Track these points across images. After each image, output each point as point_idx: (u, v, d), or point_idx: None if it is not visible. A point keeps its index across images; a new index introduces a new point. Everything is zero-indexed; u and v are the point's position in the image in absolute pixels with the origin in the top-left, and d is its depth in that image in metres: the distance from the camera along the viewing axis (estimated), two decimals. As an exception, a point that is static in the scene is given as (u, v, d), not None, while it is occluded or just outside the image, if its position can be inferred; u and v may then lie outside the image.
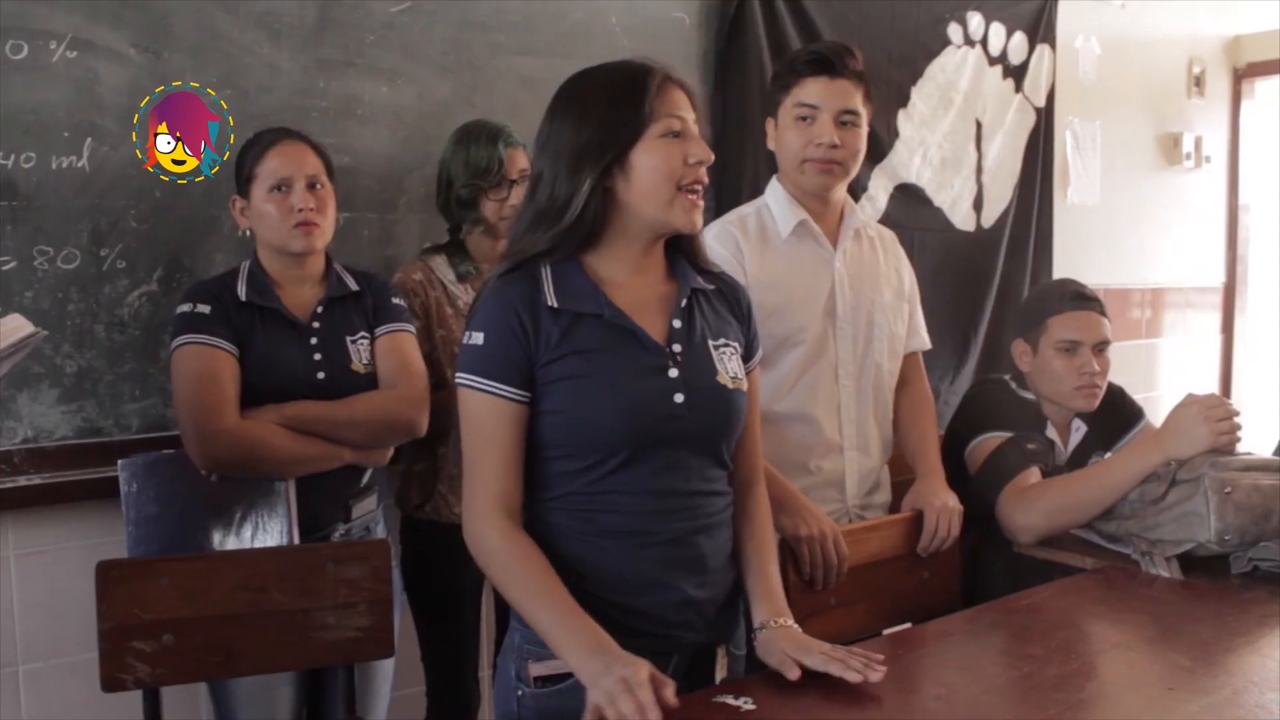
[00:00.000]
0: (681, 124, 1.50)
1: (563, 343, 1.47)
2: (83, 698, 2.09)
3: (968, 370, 3.60)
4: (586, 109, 1.49)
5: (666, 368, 1.50)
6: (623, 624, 1.47)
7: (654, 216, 1.50)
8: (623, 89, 1.49)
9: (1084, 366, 2.41)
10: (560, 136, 1.49)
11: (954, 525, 2.14)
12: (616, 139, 1.47)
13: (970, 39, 3.57)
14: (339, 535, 2.09)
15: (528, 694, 1.50)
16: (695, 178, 1.50)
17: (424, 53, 2.51)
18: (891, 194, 3.42)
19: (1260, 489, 2.03)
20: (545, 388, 1.48)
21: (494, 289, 1.51)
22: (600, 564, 1.49)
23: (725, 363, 1.56)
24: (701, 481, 1.54)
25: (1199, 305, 4.70)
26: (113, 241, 2.17)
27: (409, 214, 2.50)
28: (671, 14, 2.91)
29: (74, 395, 2.16)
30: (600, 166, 1.46)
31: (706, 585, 1.54)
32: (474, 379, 1.48)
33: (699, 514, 1.54)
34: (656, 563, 1.50)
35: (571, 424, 1.47)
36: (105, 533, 2.15)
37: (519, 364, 1.47)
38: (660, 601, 1.50)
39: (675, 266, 1.59)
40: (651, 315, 1.53)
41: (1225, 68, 4.66)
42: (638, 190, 1.48)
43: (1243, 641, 1.68)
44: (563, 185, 1.48)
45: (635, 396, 1.48)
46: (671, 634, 1.52)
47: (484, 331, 1.48)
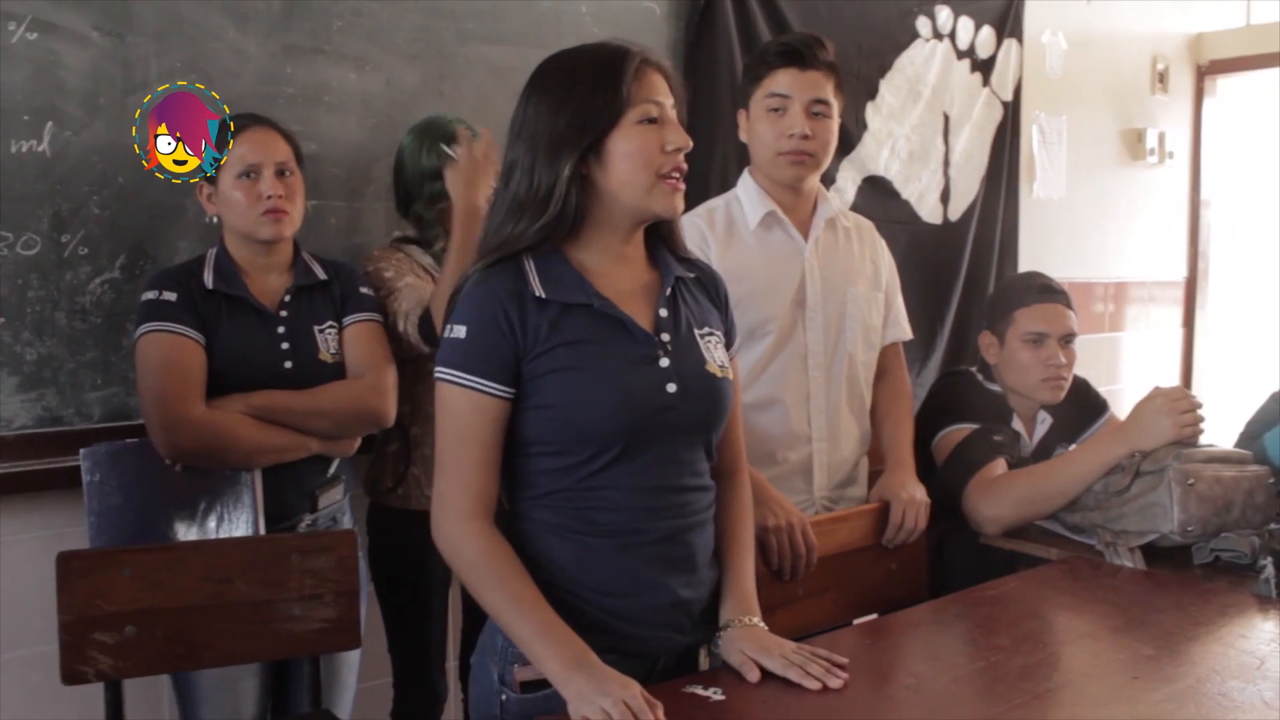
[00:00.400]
0: (659, 109, 1.46)
1: (552, 334, 1.43)
2: (43, 690, 2.06)
3: (934, 362, 3.63)
4: (562, 94, 1.45)
5: (658, 357, 1.48)
6: (612, 627, 1.45)
7: (633, 204, 1.46)
8: (598, 73, 1.44)
9: (1050, 358, 2.43)
10: (536, 123, 1.45)
11: (920, 518, 2.15)
12: (592, 125, 1.43)
13: (939, 32, 3.59)
14: (305, 525, 2.08)
15: (513, 699, 1.46)
16: (674, 165, 1.46)
17: (392, 40, 2.48)
18: (859, 186, 3.43)
19: (1222, 481, 2.07)
20: (534, 382, 1.44)
21: (477, 281, 1.46)
22: (590, 564, 1.46)
23: (712, 351, 1.54)
24: (691, 476, 1.52)
25: (1161, 299, 4.75)
26: (74, 228, 2.14)
27: (376, 202, 2.47)
28: (641, 4, 2.90)
29: (34, 384, 2.13)
30: (577, 153, 1.43)
31: (694, 585, 1.52)
32: (456, 374, 1.44)
33: (689, 510, 1.52)
34: (648, 562, 1.47)
35: (563, 418, 1.44)
36: (66, 523, 2.12)
37: (504, 360, 1.43)
38: (651, 604, 1.48)
39: (656, 255, 1.56)
40: (638, 305, 1.50)
41: (1188, 65, 4.71)
42: (615, 178, 1.45)
43: (1205, 631, 1.70)
44: (542, 173, 1.43)
45: (629, 387, 1.45)
46: (660, 636, 1.50)
47: (467, 325, 1.44)
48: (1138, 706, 1.42)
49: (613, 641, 1.45)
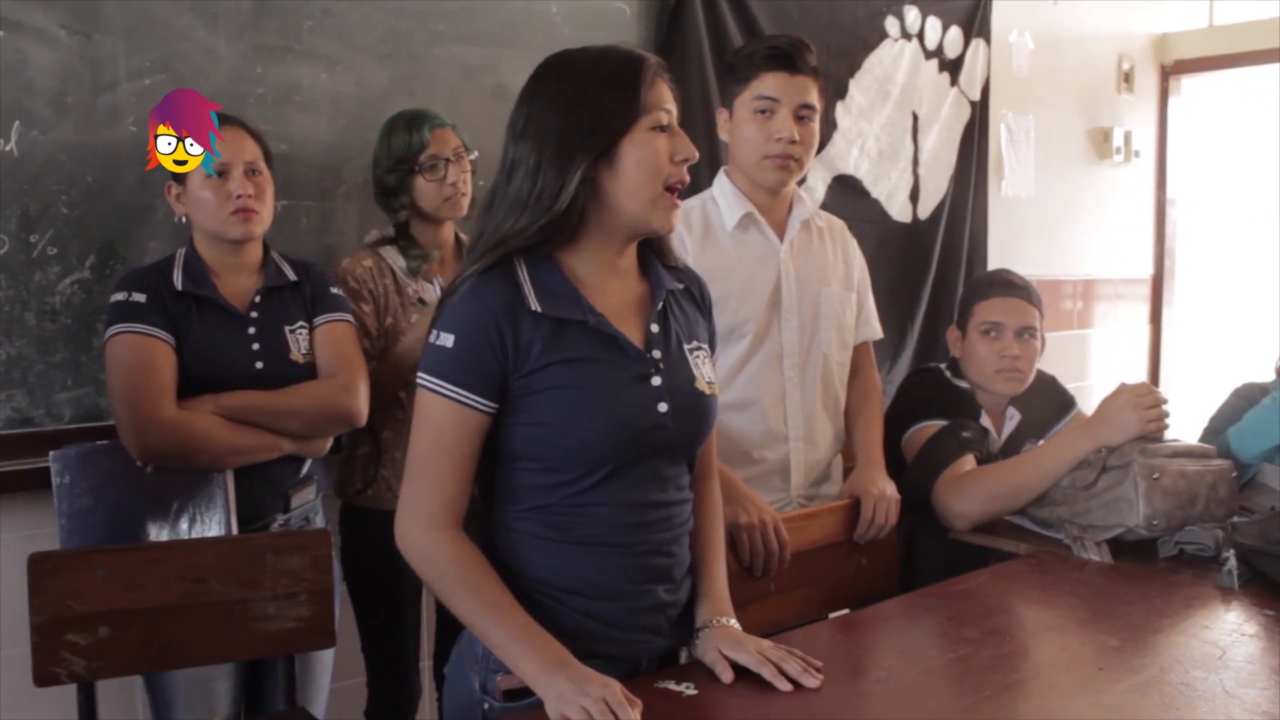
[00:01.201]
0: (669, 118, 1.44)
1: (547, 351, 1.41)
2: (17, 693, 2.05)
3: (904, 360, 3.66)
4: (578, 93, 1.41)
5: (650, 375, 1.46)
6: (593, 632, 1.45)
7: (635, 214, 1.44)
8: (617, 76, 1.41)
9: (1005, 349, 2.46)
10: (545, 120, 1.41)
11: (891, 513, 2.17)
12: (610, 127, 1.40)
13: (907, 32, 3.62)
14: (278, 525, 2.07)
15: (495, 708, 1.44)
16: (680, 176, 1.44)
17: (363, 40, 2.48)
18: (829, 185, 3.45)
19: (1186, 475, 2.10)
20: (527, 398, 1.41)
21: (471, 289, 1.43)
22: (573, 572, 1.45)
23: (700, 367, 1.53)
24: (675, 490, 1.52)
25: (1128, 296, 4.81)
26: (43, 228, 2.13)
27: (347, 202, 2.47)
28: (612, 4, 2.91)
29: (3, 384, 2.11)
30: (591, 156, 1.39)
31: (675, 590, 1.53)
32: (439, 383, 1.41)
33: (673, 524, 1.52)
34: (632, 572, 1.47)
35: (554, 437, 1.42)
36: (38, 524, 2.11)
37: (491, 375, 1.40)
38: (633, 608, 1.48)
39: (647, 266, 1.54)
40: (630, 320, 1.49)
41: (1154, 65, 4.77)
42: (623, 184, 1.42)
43: (1169, 622, 1.73)
44: (550, 173, 1.39)
45: (623, 409, 1.43)
46: (642, 640, 1.50)
47: (455, 334, 1.40)
48: (1103, 697, 1.45)
49: (594, 646, 1.44)
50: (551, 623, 1.43)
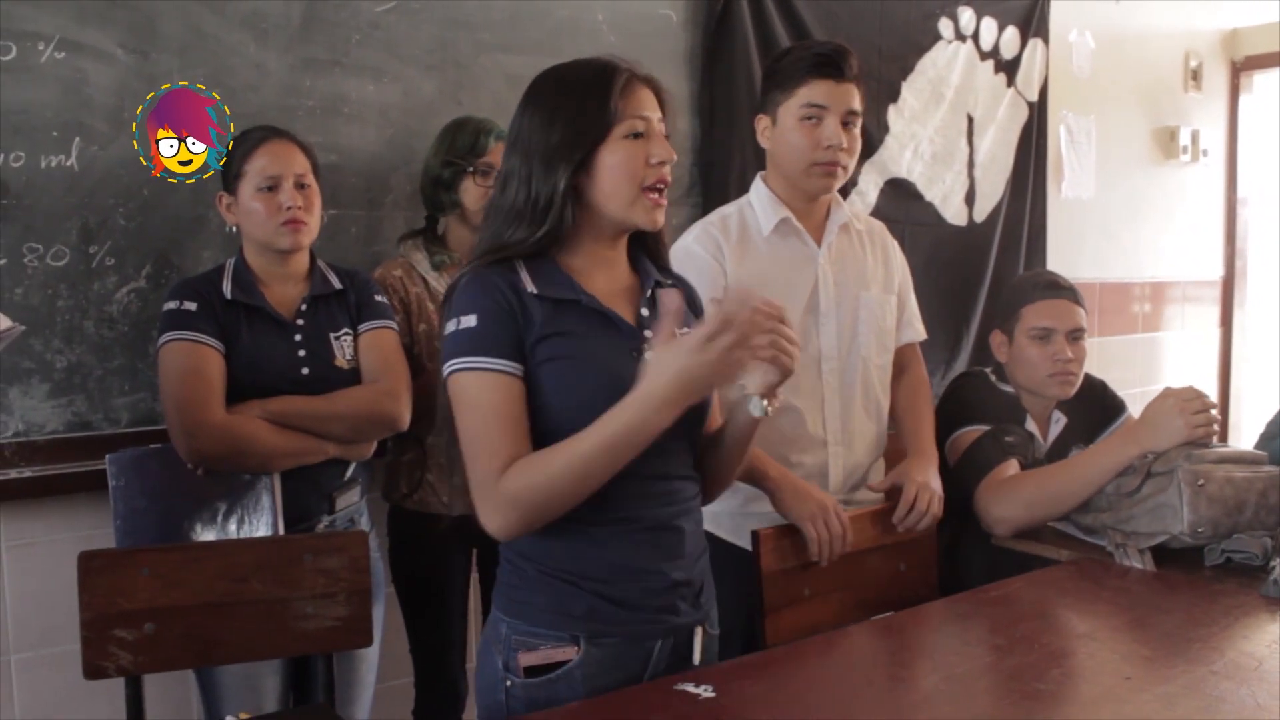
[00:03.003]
0: (646, 124, 1.51)
1: (547, 323, 1.48)
2: (72, 686, 2.12)
3: (959, 365, 3.61)
4: (554, 108, 1.51)
5: (644, 350, 1.52)
6: (607, 614, 1.50)
7: (617, 215, 1.53)
8: (587, 88, 1.50)
9: (1057, 354, 2.43)
10: (531, 135, 1.51)
11: (933, 504, 2.13)
12: (583, 139, 1.49)
13: (961, 34, 3.58)
14: (323, 527, 2.12)
15: (517, 684, 1.50)
16: (658, 177, 1.52)
17: (409, 51, 2.54)
18: (881, 189, 3.43)
19: (1233, 481, 2.05)
20: (533, 369, 1.48)
21: (474, 275, 1.51)
22: (583, 552, 1.50)
23: None
24: (678, 466, 1.57)
25: (1197, 299, 4.70)
26: (101, 239, 2.21)
27: (395, 211, 2.52)
28: (659, 11, 2.93)
29: (64, 390, 2.20)
30: (571, 166, 1.48)
31: (686, 568, 1.56)
32: (474, 361, 1.46)
33: (678, 498, 1.57)
34: (640, 548, 1.52)
35: (555, 407, 1.47)
36: (95, 525, 2.19)
37: (516, 341, 1.47)
38: (646, 588, 1.52)
39: (636, 261, 1.63)
40: (621, 304, 1.56)
41: (1223, 61, 4.65)
42: (602, 189, 1.51)
43: (1207, 632, 1.69)
44: (540, 184, 1.49)
45: (617, 376, 1.47)
46: (659, 619, 1.54)
47: (477, 312, 1.47)
48: (1125, 706, 1.43)
49: (609, 627, 1.50)
50: (563, 604, 1.49)
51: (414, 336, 2.31)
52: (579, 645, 1.50)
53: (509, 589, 1.55)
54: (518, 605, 1.53)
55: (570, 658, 1.50)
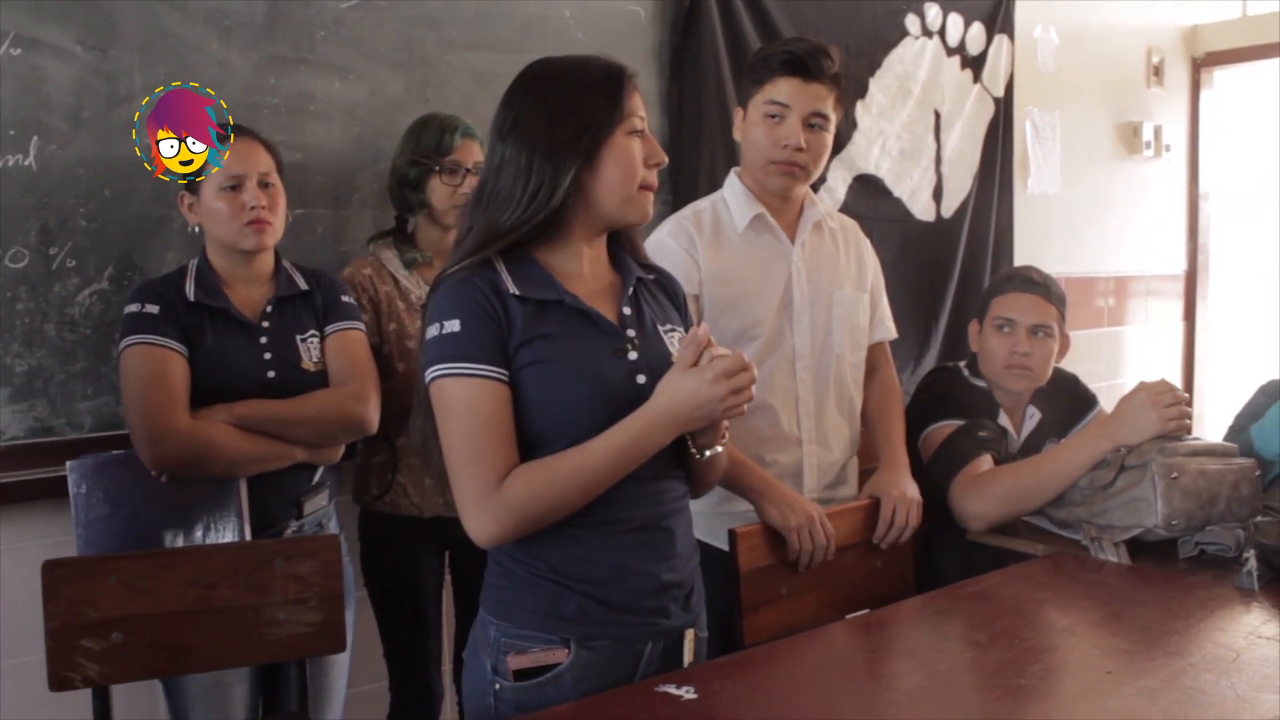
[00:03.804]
0: (643, 123, 1.54)
1: (528, 327, 1.46)
2: (36, 698, 2.08)
3: (929, 360, 3.62)
4: (563, 100, 1.49)
5: (626, 350, 1.52)
6: (598, 616, 1.48)
7: (612, 209, 1.53)
8: (601, 84, 1.51)
9: (1015, 345, 2.43)
10: (534, 122, 1.49)
11: (913, 515, 2.15)
12: (595, 133, 1.49)
13: (928, 30, 3.59)
14: (291, 532, 2.09)
15: (506, 688, 1.49)
16: (651, 179, 1.55)
17: (375, 49, 2.50)
18: (850, 185, 3.43)
19: (1206, 474, 2.06)
20: (516, 374, 1.46)
21: (455, 280, 1.48)
22: (573, 553, 1.49)
23: (675, 345, 1.58)
24: (666, 465, 1.55)
25: (1161, 293, 4.75)
26: (62, 240, 2.16)
27: (362, 210, 2.49)
28: (626, 7, 2.91)
29: (25, 394, 2.15)
30: (581, 158, 1.48)
31: (676, 569, 1.56)
32: (459, 366, 1.44)
33: (667, 498, 1.56)
34: (630, 548, 1.51)
35: (539, 411, 1.46)
36: (59, 532, 2.14)
37: (499, 344, 1.46)
38: (636, 589, 1.51)
39: (616, 258, 1.62)
40: (603, 303, 1.55)
41: (1184, 57, 4.70)
42: (603, 183, 1.50)
43: (1184, 624, 1.70)
44: (545, 173, 1.47)
45: (602, 378, 1.48)
46: (650, 621, 1.53)
47: (459, 318, 1.45)
48: (1109, 700, 1.43)
49: (599, 629, 1.49)
50: (553, 607, 1.48)
51: (384, 336, 2.28)
52: (569, 648, 1.48)
53: (498, 591, 1.53)
54: (506, 607, 1.51)
55: (561, 660, 1.48)
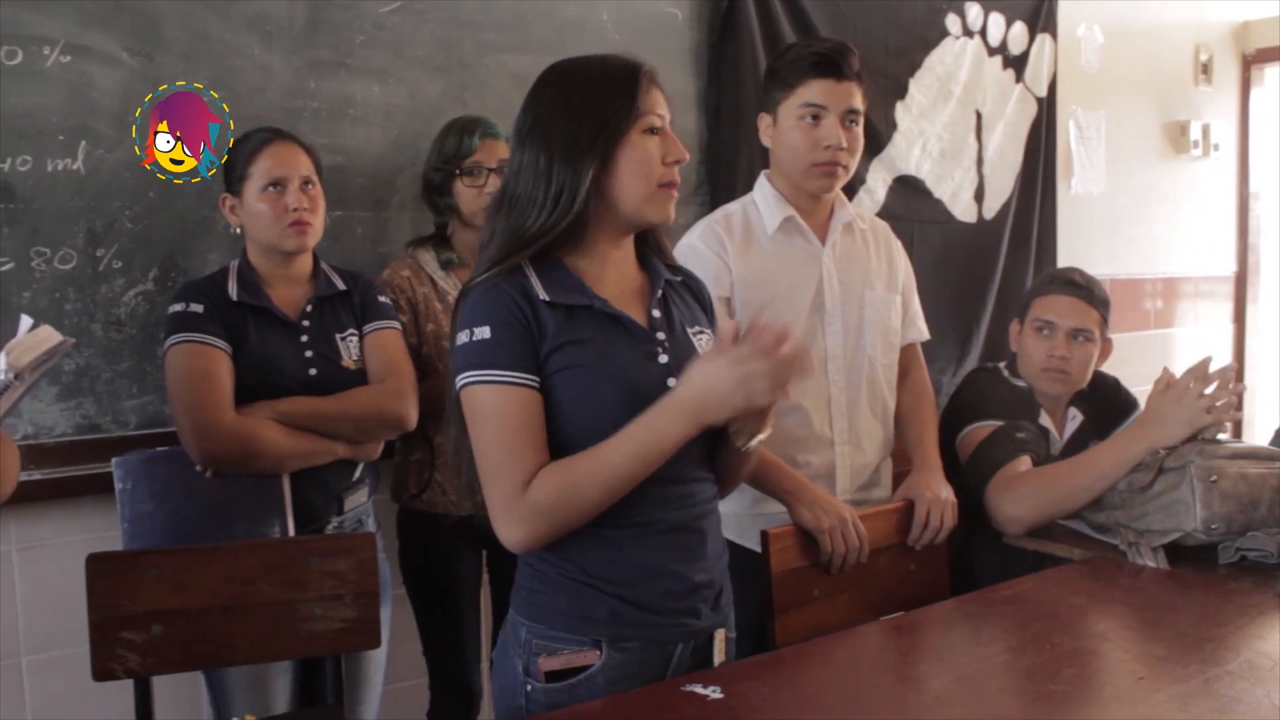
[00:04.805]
0: (662, 121, 1.52)
1: (559, 332, 1.46)
2: (83, 688, 2.12)
3: (970, 362, 3.60)
4: (581, 100, 1.49)
5: (657, 354, 1.52)
6: (629, 617, 1.49)
7: (631, 209, 1.51)
8: (615, 83, 1.50)
9: (1054, 349, 2.41)
10: (551, 125, 1.49)
11: (947, 516, 2.14)
12: (610, 132, 1.48)
13: (969, 30, 3.57)
14: (332, 528, 2.12)
15: (538, 689, 1.50)
16: (672, 177, 1.52)
17: (414, 52, 2.53)
18: (890, 186, 3.41)
19: (1247, 477, 2.03)
20: (548, 380, 1.47)
21: (484, 287, 1.48)
22: (604, 555, 1.49)
23: (704, 348, 1.58)
24: (696, 468, 1.56)
25: (1210, 295, 4.67)
26: (108, 242, 2.21)
27: (400, 212, 2.52)
28: (664, 9, 2.92)
29: (72, 393, 2.20)
30: (598, 159, 1.47)
31: (706, 570, 1.56)
32: (489, 374, 1.44)
33: (697, 500, 1.56)
34: (660, 550, 1.51)
35: (572, 415, 1.46)
36: (104, 527, 2.19)
37: (530, 351, 1.45)
38: (667, 591, 1.51)
39: (644, 260, 1.62)
40: (632, 305, 1.55)
41: (1234, 54, 4.62)
42: (621, 183, 1.49)
43: (1221, 631, 1.67)
44: (565, 175, 1.47)
45: (634, 381, 1.48)
46: (680, 622, 1.53)
47: (489, 324, 1.45)
48: (1139, 707, 1.41)
49: (630, 630, 1.49)
50: (584, 609, 1.49)
51: (422, 337, 2.31)
52: (601, 650, 1.49)
53: (528, 593, 1.54)
54: (538, 609, 1.52)
55: (592, 662, 1.49)
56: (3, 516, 2.15)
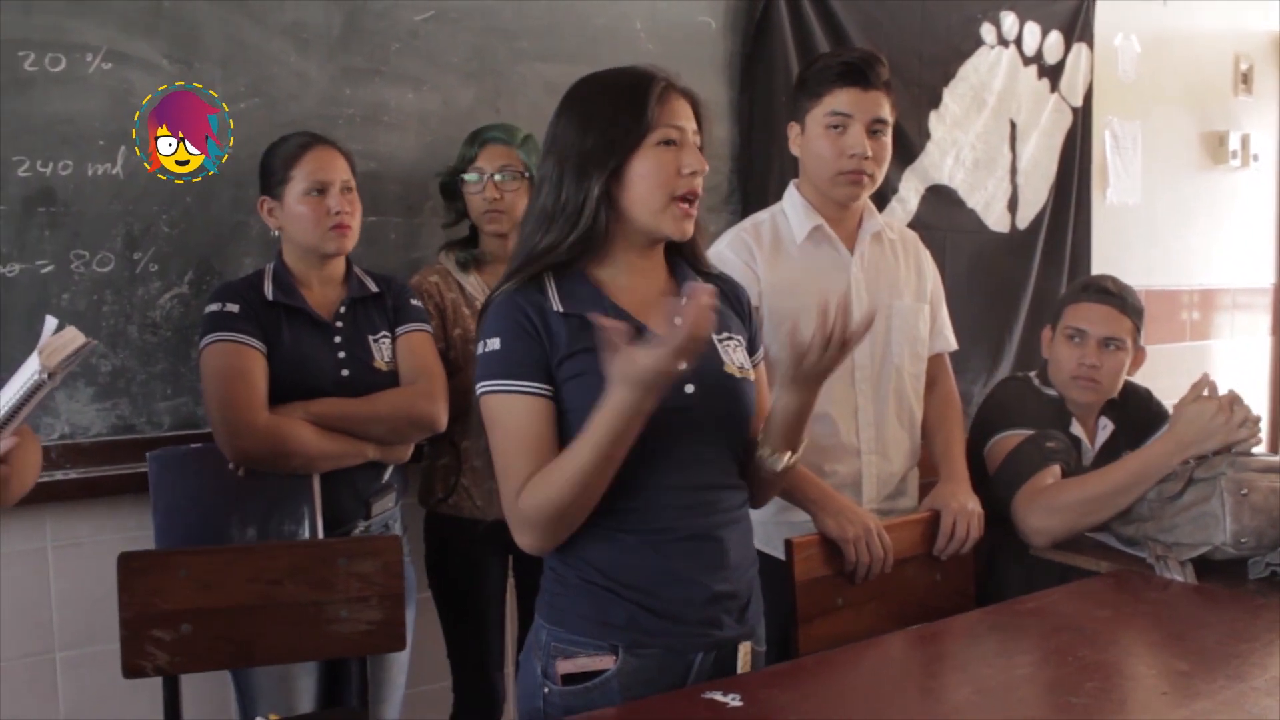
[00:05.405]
0: (679, 134, 1.52)
1: (572, 341, 1.49)
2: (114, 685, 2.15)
3: (1001, 373, 3.57)
4: (590, 115, 1.52)
5: None
6: (647, 625, 1.50)
7: (646, 223, 1.53)
8: (625, 97, 1.51)
9: (1084, 357, 2.38)
10: (565, 141, 1.52)
11: (974, 527, 2.13)
12: (618, 147, 1.50)
13: (1004, 39, 3.55)
14: (359, 531, 2.15)
15: (555, 691, 1.51)
16: (689, 188, 1.52)
17: (448, 60, 2.56)
18: (923, 195, 3.40)
19: (1278, 491, 2.01)
20: (560, 387, 1.49)
21: (501, 298, 1.53)
22: (623, 561, 1.51)
23: (730, 354, 1.59)
24: (719, 475, 1.56)
25: (1247, 307, 4.61)
26: (145, 245, 2.25)
27: (433, 217, 2.54)
28: (697, 18, 2.93)
29: (109, 394, 2.24)
30: (605, 173, 1.49)
31: (730, 580, 1.56)
32: (499, 384, 1.48)
33: (719, 508, 1.56)
34: (679, 558, 1.51)
35: (583, 421, 1.46)
36: (138, 526, 2.23)
37: (540, 361, 1.48)
38: (686, 598, 1.52)
39: (675, 267, 1.63)
40: (655, 314, 1.54)
41: (1275, 63, 4.56)
42: (632, 197, 1.51)
43: (1248, 647, 1.66)
44: (571, 190, 1.50)
45: None
46: (701, 631, 1.53)
47: (500, 335, 1.49)
48: (1160, 722, 1.41)
49: (648, 637, 1.50)
50: (603, 613, 1.50)
51: (449, 341, 2.33)
52: (617, 655, 1.50)
53: (550, 596, 1.56)
54: (558, 612, 1.54)
55: (607, 667, 1.50)
56: (38, 514, 2.19)
